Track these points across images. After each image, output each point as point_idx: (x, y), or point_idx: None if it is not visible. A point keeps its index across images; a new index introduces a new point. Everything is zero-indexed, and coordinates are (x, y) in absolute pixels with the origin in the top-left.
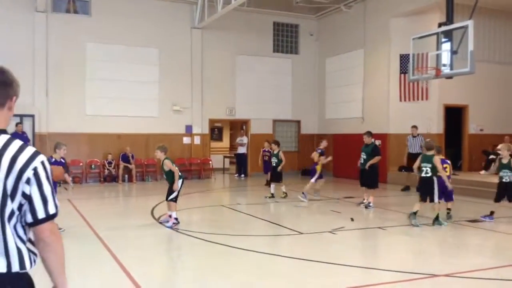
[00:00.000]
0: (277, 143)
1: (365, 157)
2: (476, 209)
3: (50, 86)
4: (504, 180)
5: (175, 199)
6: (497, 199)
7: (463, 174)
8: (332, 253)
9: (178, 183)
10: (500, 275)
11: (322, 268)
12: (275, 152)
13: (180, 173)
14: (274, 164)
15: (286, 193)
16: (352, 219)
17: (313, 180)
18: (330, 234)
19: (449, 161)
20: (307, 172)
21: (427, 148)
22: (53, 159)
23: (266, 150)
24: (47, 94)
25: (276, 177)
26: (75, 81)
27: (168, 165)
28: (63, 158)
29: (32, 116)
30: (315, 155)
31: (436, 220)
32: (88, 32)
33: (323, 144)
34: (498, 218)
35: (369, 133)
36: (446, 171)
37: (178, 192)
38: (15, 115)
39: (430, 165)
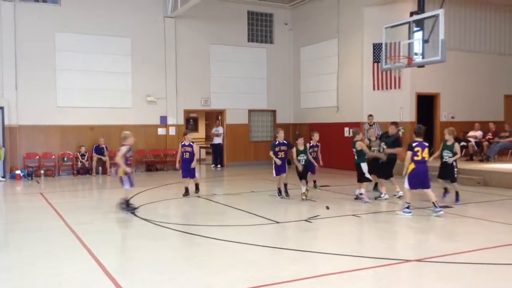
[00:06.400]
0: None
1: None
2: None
3: (20, 77)
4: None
5: None
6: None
7: (434, 160)
8: (307, 241)
9: None
10: (470, 259)
11: (297, 256)
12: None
13: None
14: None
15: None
16: (327, 207)
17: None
18: (305, 223)
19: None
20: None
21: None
22: None
23: (314, 145)
24: (16, 85)
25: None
26: (45, 72)
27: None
28: None
29: (1, 108)
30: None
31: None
32: (58, 22)
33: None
34: (466, 204)
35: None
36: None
37: None
38: None
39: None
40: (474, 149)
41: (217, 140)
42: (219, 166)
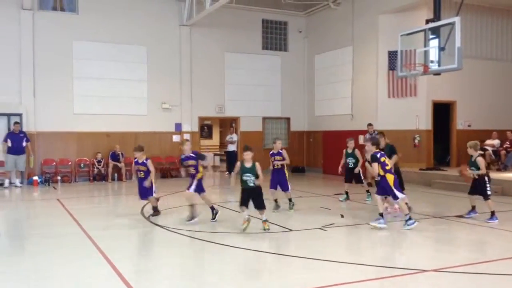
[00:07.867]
0: (353, 140)
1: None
2: (464, 204)
3: (38, 85)
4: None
5: None
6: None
7: (451, 169)
8: (321, 250)
9: None
10: (488, 270)
11: (310, 264)
12: (350, 151)
13: None
14: (352, 165)
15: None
16: (342, 216)
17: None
18: (320, 231)
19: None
20: (299, 170)
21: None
22: None
23: (276, 153)
24: (34, 92)
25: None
26: (63, 79)
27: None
28: None
29: (20, 115)
30: None
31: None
32: (75, 30)
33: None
34: (484, 214)
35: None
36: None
37: None
38: (2, 114)
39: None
40: (491, 158)
41: (231, 147)
42: (233, 173)
